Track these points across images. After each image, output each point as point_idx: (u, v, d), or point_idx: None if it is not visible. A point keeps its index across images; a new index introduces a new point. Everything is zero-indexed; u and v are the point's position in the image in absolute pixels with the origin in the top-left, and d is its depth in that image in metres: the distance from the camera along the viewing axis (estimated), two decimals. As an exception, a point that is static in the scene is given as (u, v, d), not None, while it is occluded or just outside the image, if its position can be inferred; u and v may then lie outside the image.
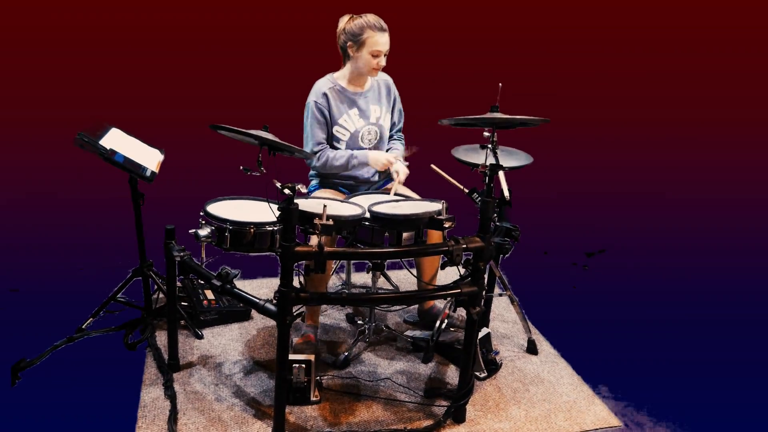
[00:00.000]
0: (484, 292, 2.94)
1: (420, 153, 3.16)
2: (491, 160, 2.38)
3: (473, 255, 2.31)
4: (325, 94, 2.92)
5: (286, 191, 2.03)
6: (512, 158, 2.86)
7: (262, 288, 3.56)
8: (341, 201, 2.56)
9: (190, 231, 2.47)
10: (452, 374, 2.83)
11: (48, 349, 2.83)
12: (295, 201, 2.36)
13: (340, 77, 2.99)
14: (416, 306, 3.24)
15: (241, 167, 2.23)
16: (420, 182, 3.06)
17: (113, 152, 2.66)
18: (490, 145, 2.35)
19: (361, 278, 3.63)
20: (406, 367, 2.88)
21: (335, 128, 2.96)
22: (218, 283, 2.37)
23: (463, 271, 2.38)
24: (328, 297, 2.21)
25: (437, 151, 2.95)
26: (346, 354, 2.85)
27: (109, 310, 3.11)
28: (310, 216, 2.19)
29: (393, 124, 3.18)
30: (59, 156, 3.85)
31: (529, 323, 3.08)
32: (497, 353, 2.91)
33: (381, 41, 2.82)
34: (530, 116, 2.30)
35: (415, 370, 2.86)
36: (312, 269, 2.14)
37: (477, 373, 2.81)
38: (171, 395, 2.59)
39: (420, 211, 2.33)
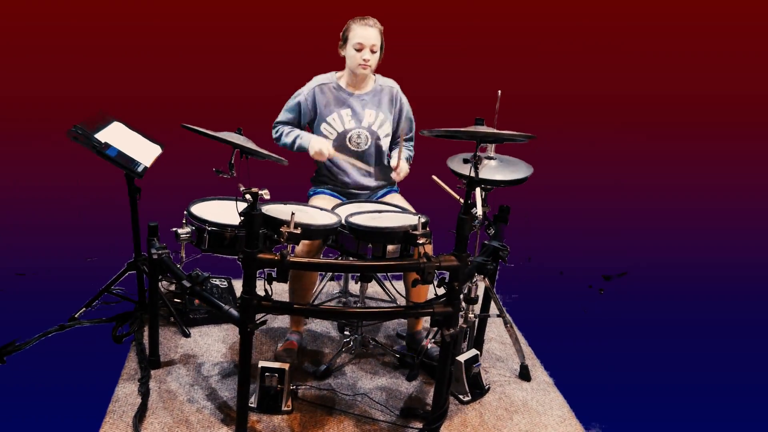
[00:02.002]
0: (477, 313, 2.84)
1: (421, 163, 3.06)
2: (485, 174, 2.27)
3: (449, 274, 2.21)
4: (313, 90, 2.90)
5: (248, 197, 1.97)
6: (511, 169, 2.72)
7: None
8: (320, 209, 2.48)
9: (171, 229, 2.46)
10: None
11: (38, 335, 2.87)
12: (271, 207, 2.33)
13: (340, 76, 2.95)
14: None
15: (214, 169, 2.20)
16: (420, 193, 2.96)
17: (107, 146, 2.66)
18: (471, 159, 2.22)
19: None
20: (388, 383, 2.78)
21: (323, 125, 2.91)
22: (188, 284, 2.34)
23: (439, 290, 2.27)
24: (292, 307, 2.14)
25: (438, 161, 2.84)
26: (327, 365, 2.78)
27: (105, 301, 3.15)
28: (278, 223, 2.13)
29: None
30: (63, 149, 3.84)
31: (527, 347, 2.95)
32: (479, 365, 2.75)
33: (361, 34, 2.77)
34: (513, 132, 2.17)
35: (397, 387, 2.76)
36: (274, 278, 2.08)
37: (461, 396, 2.69)
38: (144, 392, 2.58)
39: (395, 224, 2.23)
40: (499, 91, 2.59)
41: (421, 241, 2.15)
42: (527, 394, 2.79)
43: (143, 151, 2.86)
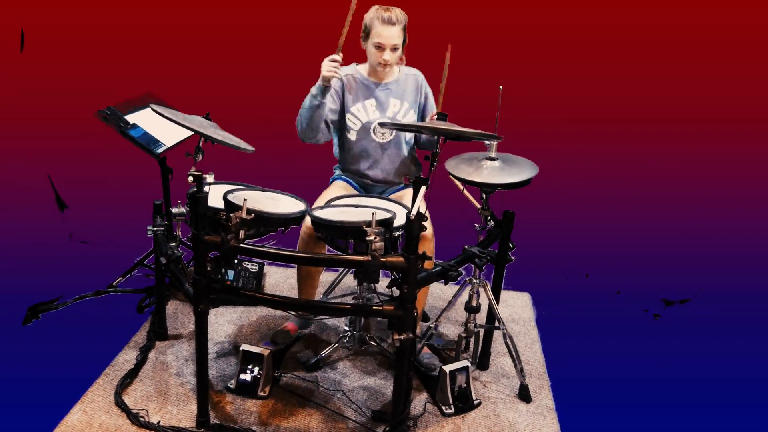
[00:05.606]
0: (479, 323, 2.67)
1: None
2: (488, 178, 2.11)
3: (401, 275, 2.09)
4: (341, 79, 2.84)
5: (190, 179, 2.01)
6: (513, 170, 2.50)
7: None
8: (296, 198, 2.45)
9: (169, 208, 2.57)
10: (418, 402, 2.60)
11: (74, 297, 3.14)
12: (247, 193, 2.35)
13: (362, 68, 2.90)
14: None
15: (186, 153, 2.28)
16: (439, 191, 2.83)
17: (133, 126, 2.83)
18: (431, 156, 2.09)
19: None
20: (375, 384, 2.70)
21: (347, 116, 2.86)
22: (164, 261, 2.44)
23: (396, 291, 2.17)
24: (238, 292, 2.15)
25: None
26: (318, 357, 2.76)
27: (148, 274, 3.38)
28: (236, 209, 2.15)
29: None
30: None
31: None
32: (466, 374, 2.56)
33: (382, 33, 2.67)
34: (474, 129, 2.00)
35: (383, 389, 2.67)
36: (220, 263, 2.10)
37: (443, 408, 2.55)
38: (140, 360, 2.73)
39: (349, 219, 2.16)
40: (501, 87, 2.40)
41: (370, 238, 2.06)
42: (520, 416, 2.57)
43: (171, 133, 2.99)
